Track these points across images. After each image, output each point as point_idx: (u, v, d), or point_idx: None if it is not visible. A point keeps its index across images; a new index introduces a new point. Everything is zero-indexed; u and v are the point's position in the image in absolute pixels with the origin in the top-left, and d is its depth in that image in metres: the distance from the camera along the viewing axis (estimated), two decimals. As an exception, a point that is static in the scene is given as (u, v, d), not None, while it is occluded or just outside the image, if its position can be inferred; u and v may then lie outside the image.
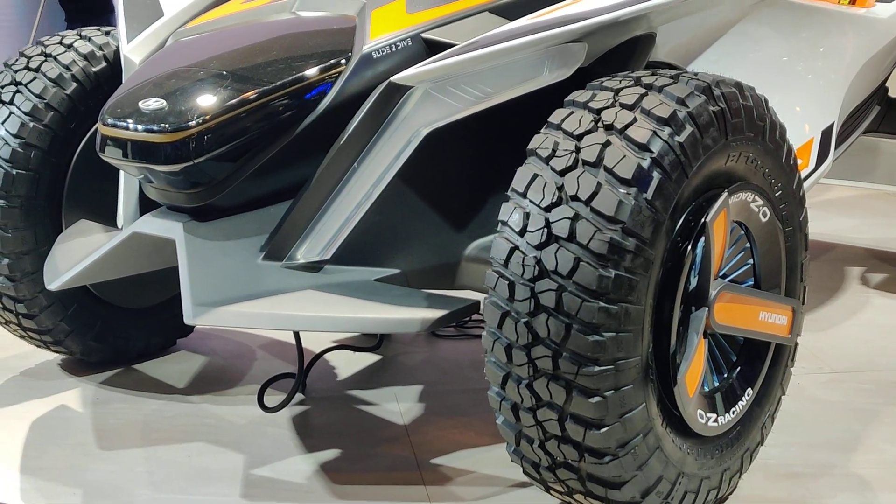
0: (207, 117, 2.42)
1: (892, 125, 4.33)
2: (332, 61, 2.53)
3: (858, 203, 5.44)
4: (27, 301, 3.03)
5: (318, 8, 2.77)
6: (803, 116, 3.14)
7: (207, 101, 2.46)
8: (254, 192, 2.52)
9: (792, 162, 2.52)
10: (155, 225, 2.54)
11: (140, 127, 2.43)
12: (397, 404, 3.06)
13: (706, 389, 2.41)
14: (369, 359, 3.40)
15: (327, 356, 3.32)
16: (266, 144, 2.48)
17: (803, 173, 3.02)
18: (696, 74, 2.35)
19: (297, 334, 2.90)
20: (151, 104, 2.45)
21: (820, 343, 3.48)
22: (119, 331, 3.24)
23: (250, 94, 2.46)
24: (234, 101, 2.45)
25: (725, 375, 2.48)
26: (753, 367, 2.50)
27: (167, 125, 2.41)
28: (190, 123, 2.41)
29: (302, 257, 2.48)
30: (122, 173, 2.79)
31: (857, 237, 4.77)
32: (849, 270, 4.29)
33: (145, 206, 2.68)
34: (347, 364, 3.35)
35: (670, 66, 2.74)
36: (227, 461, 2.72)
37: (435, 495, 2.57)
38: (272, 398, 2.97)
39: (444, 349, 3.50)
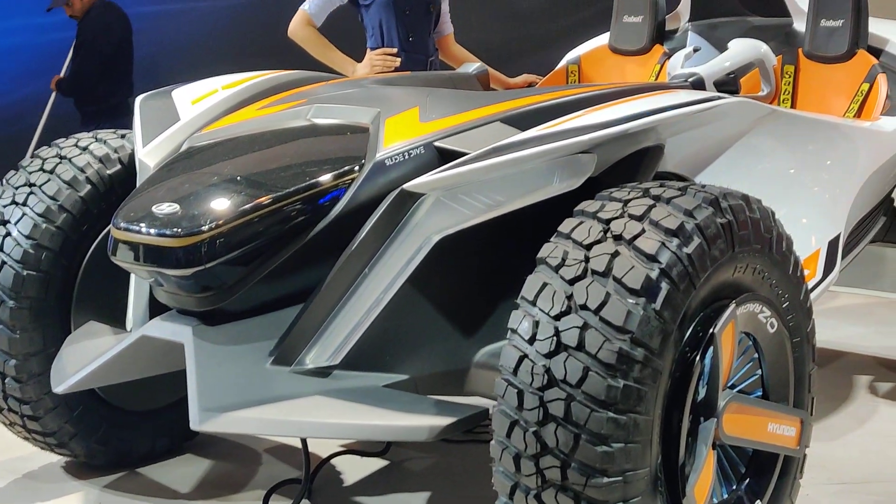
0: (220, 222, 2.44)
1: (899, 236, 4.35)
2: (345, 168, 2.56)
3: (866, 311, 5.44)
4: (33, 403, 3.01)
5: (333, 116, 2.81)
6: (810, 227, 3.16)
7: (220, 205, 2.48)
8: (264, 296, 2.54)
9: (799, 273, 2.54)
10: (164, 328, 2.55)
11: (153, 231, 2.45)
12: (405, 512, 3.04)
13: (715, 501, 2.39)
14: (376, 464, 3.37)
15: (334, 461, 3.30)
16: (278, 249, 2.50)
17: (810, 284, 3.04)
18: (703, 186, 2.37)
19: (304, 440, 2.90)
20: (164, 208, 2.48)
21: (829, 453, 3.46)
22: (124, 433, 3.22)
23: (263, 200, 2.49)
24: (247, 206, 2.47)
25: (734, 487, 2.46)
26: (762, 478, 2.48)
27: (179, 229, 2.43)
28: (202, 228, 2.43)
29: (311, 363, 2.49)
30: (132, 276, 2.81)
31: (865, 345, 4.76)
32: (857, 379, 4.28)
33: (155, 309, 2.69)
34: (354, 469, 3.32)
35: (678, 177, 2.77)
36: (231, 568, 2.70)
37: None
38: None
39: (453, 454, 3.47)
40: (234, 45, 7.08)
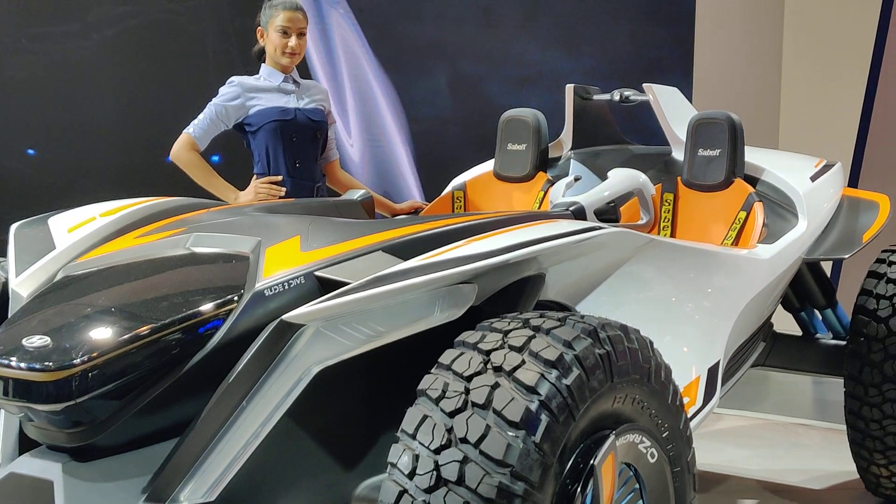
0: (93, 355, 2.38)
1: (778, 360, 4.44)
2: (223, 298, 2.53)
3: (750, 433, 5.51)
4: None
5: (213, 244, 2.79)
6: (690, 355, 3.20)
7: (93, 337, 2.43)
8: (138, 430, 2.47)
9: (678, 402, 2.56)
10: (33, 465, 2.46)
11: (22, 364, 2.38)
12: None
13: None
14: None
15: None
16: (153, 382, 2.45)
17: (690, 411, 3.06)
18: (582, 317, 2.39)
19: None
20: (35, 341, 2.42)
21: (714, 581, 3.46)
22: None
23: (138, 331, 2.44)
24: (121, 338, 2.42)
25: None
26: None
27: (50, 363, 2.36)
28: (74, 361, 2.37)
29: (186, 500, 2.41)
30: (1, 411, 2.71)
31: (748, 468, 4.81)
32: (741, 503, 4.31)
33: (26, 444, 2.60)
34: None
35: (560, 306, 2.79)
36: None
37: None
38: None
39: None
40: (116, 169, 7.03)
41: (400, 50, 7.16)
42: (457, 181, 4.56)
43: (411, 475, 2.14)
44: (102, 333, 2.44)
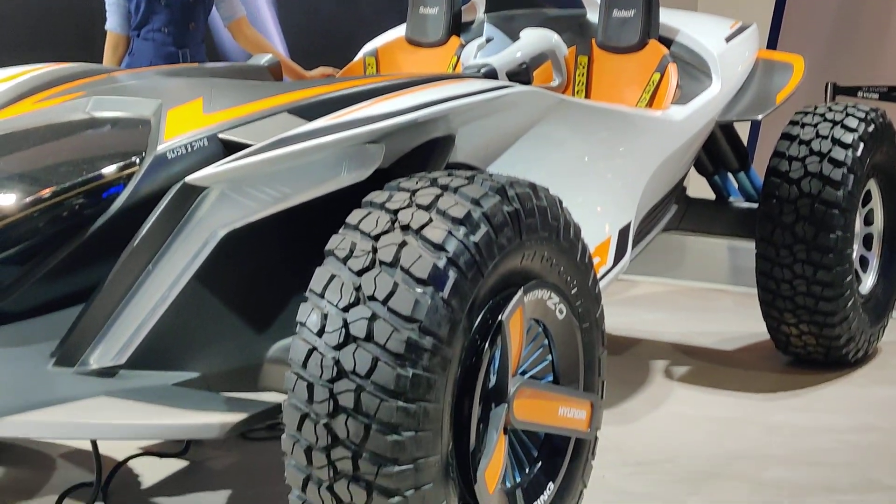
0: None
1: (691, 223, 4.50)
2: (124, 161, 2.49)
3: (665, 299, 5.60)
4: None
5: (113, 108, 2.73)
6: (601, 216, 3.23)
7: None
8: (44, 296, 2.44)
9: (587, 260, 2.58)
10: (-62, 332, 2.43)
11: None
12: (203, 511, 2.98)
13: (507, 485, 2.42)
14: (176, 465, 3.30)
15: (132, 463, 3.21)
16: (56, 247, 2.41)
17: (601, 271, 3.10)
18: (490, 175, 2.39)
19: (94, 442, 2.80)
20: (-67, 208, 2.37)
21: (624, 436, 3.54)
22: None
23: (38, 196, 2.40)
24: (21, 202, 2.38)
25: (527, 470, 2.49)
26: (554, 461, 2.52)
27: None
28: (-27, 226, 2.33)
29: (95, 363, 2.40)
30: None
31: (662, 331, 4.90)
32: (653, 364, 4.40)
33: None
34: (153, 471, 3.24)
35: (470, 168, 2.79)
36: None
37: None
38: (70, 509, 2.85)
39: (255, 452, 3.43)
40: (13, 34, 6.79)
41: None
42: (368, 47, 4.50)
43: (320, 333, 2.15)
44: (2, 198, 2.40)
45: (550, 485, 2.50)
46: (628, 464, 3.34)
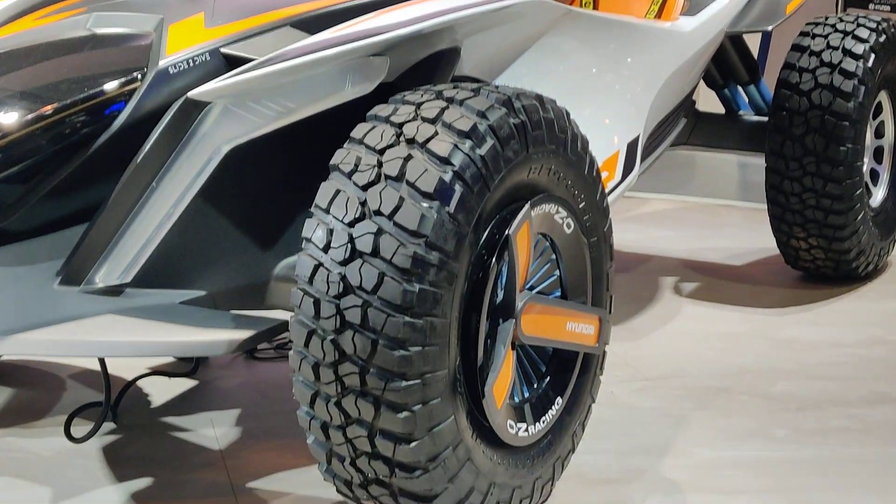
0: None
1: (700, 137, 4.46)
2: (126, 77, 2.46)
3: (674, 215, 5.58)
4: None
5: (114, 24, 2.69)
6: (611, 129, 3.19)
7: None
8: (47, 215, 2.43)
9: (595, 174, 2.55)
10: (-59, 252, 2.42)
11: None
12: (213, 429, 2.99)
13: (515, 400, 2.42)
14: (185, 384, 3.32)
15: (142, 383, 3.23)
16: (58, 165, 2.39)
17: (609, 185, 3.08)
18: (497, 87, 2.36)
19: (102, 361, 2.81)
20: (-67, 125, 2.35)
21: (633, 352, 3.54)
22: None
23: (39, 113, 2.37)
24: (22, 120, 2.36)
25: (535, 386, 2.49)
26: (562, 376, 2.52)
27: None
28: (-25, 144, 2.31)
29: (101, 281, 2.39)
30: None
31: (671, 248, 4.89)
32: (663, 280, 4.39)
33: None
34: (162, 390, 3.26)
35: (476, 81, 2.75)
36: (34, 495, 2.62)
37: (248, 520, 2.52)
38: (81, 429, 2.86)
39: (263, 371, 3.44)
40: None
41: None
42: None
43: (326, 248, 2.14)
44: (3, 116, 2.37)
45: (559, 399, 2.50)
46: (636, 379, 3.35)
